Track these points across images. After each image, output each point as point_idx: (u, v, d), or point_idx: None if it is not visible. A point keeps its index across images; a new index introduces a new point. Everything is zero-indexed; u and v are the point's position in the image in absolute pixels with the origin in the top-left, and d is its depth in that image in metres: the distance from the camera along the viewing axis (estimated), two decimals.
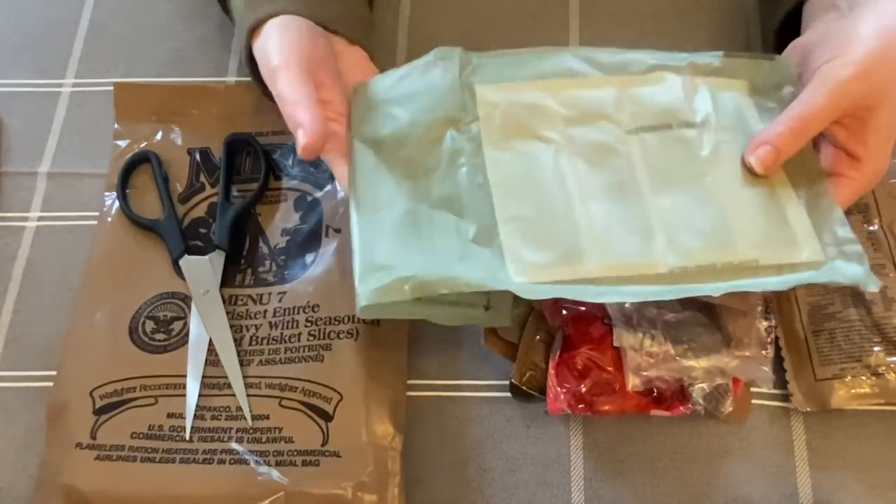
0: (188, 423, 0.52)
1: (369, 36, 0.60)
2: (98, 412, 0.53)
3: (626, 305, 0.51)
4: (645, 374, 0.49)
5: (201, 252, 0.58)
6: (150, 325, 0.56)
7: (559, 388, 0.50)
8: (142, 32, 0.68)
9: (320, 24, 0.55)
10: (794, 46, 0.52)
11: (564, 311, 0.52)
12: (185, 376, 0.54)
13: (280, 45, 0.52)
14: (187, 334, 0.55)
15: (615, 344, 0.51)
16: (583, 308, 0.52)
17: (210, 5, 0.67)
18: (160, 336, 0.55)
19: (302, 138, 0.49)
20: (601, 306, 0.51)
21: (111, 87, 0.64)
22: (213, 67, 0.66)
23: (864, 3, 0.49)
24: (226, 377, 0.54)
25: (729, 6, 0.66)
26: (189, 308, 0.56)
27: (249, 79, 0.66)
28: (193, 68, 0.66)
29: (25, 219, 0.61)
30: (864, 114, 0.47)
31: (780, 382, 0.54)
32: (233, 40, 0.67)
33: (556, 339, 0.51)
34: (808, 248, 0.47)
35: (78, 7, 0.70)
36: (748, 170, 0.48)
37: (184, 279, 0.57)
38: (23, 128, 0.65)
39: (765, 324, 0.51)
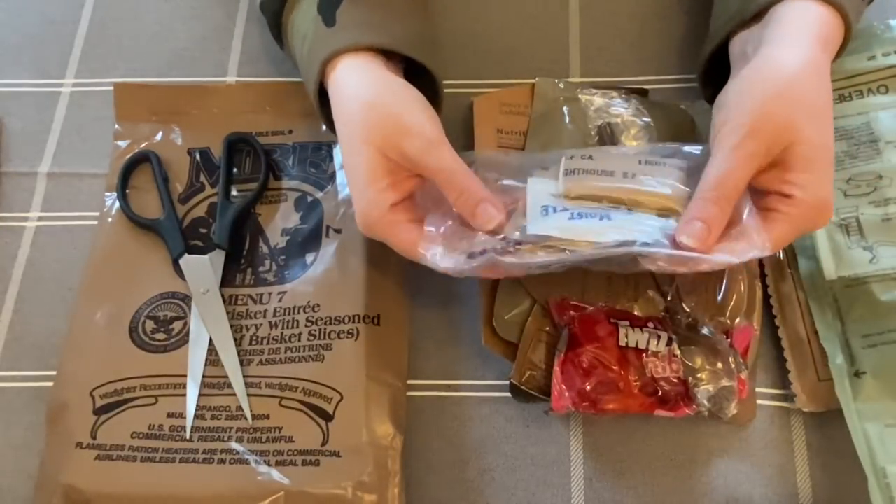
0: (188, 423, 0.52)
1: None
2: (98, 412, 0.53)
3: None
4: None
5: (201, 252, 0.58)
6: (150, 324, 0.56)
7: (564, 386, 0.50)
8: (142, 32, 0.68)
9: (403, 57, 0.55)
10: (715, 105, 0.52)
11: (572, 311, 0.52)
12: (185, 376, 0.54)
13: (410, 106, 0.51)
14: (187, 334, 0.55)
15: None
16: (590, 307, 0.53)
17: (210, 5, 0.67)
18: (160, 336, 0.55)
19: (497, 216, 0.49)
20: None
21: (111, 87, 0.64)
22: (213, 67, 0.66)
23: (764, 43, 0.50)
24: (226, 377, 0.54)
25: None
26: (189, 308, 0.56)
27: (252, 79, 0.66)
28: (193, 68, 0.66)
29: (25, 219, 0.61)
30: (782, 155, 0.47)
31: (782, 383, 0.54)
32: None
33: (563, 337, 0.51)
34: None
35: (78, 7, 0.70)
36: (683, 247, 0.47)
37: (184, 279, 0.57)
38: (23, 128, 0.65)
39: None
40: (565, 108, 0.61)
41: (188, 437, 0.52)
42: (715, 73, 0.56)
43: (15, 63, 0.67)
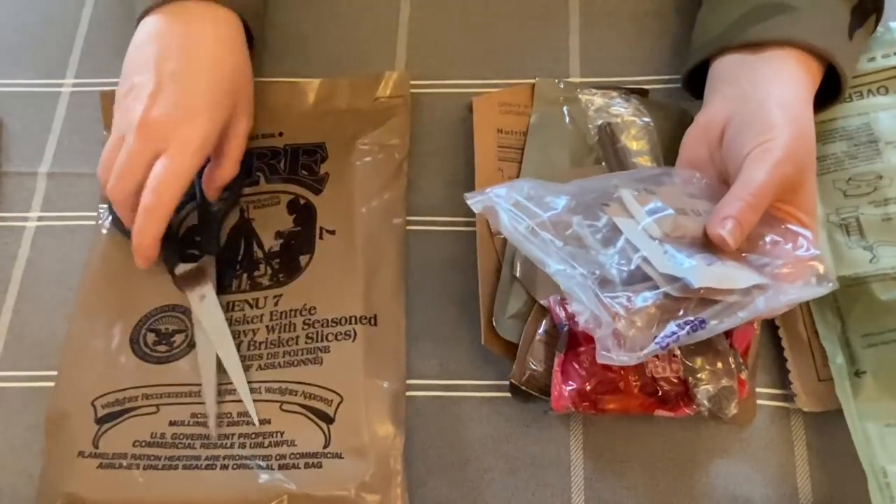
0: (212, 424, 0.52)
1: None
2: (100, 421, 0.53)
3: None
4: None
5: (196, 260, 0.58)
6: (151, 337, 0.56)
7: (564, 386, 0.50)
8: None
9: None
10: (698, 128, 0.54)
11: (569, 308, 0.52)
12: (187, 385, 0.54)
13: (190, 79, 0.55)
14: (189, 346, 0.55)
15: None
16: None
17: None
18: (162, 348, 0.55)
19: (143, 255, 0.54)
20: None
21: (111, 88, 0.64)
22: None
23: (760, 84, 0.52)
24: (227, 383, 0.54)
25: None
26: (190, 320, 0.56)
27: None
28: None
29: (25, 219, 0.61)
30: (793, 196, 0.50)
31: (782, 383, 0.54)
32: None
33: (562, 337, 0.51)
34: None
35: (78, 7, 0.70)
36: (715, 242, 0.48)
37: (183, 289, 0.57)
38: (23, 128, 0.65)
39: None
40: (565, 108, 0.61)
41: (215, 442, 0.52)
42: (696, 81, 0.58)
43: (15, 63, 0.67)
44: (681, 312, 0.46)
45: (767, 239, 0.49)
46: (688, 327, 0.46)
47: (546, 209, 0.50)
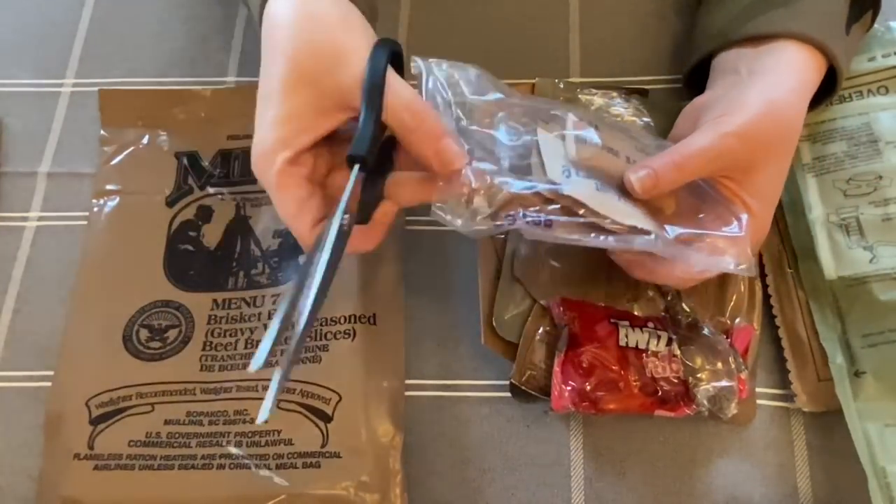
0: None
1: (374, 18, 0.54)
2: (94, 422, 0.53)
3: None
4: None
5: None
6: (144, 333, 0.56)
7: (564, 386, 0.50)
8: (142, 32, 0.68)
9: None
10: (692, 106, 0.55)
11: (571, 309, 0.52)
12: (181, 382, 0.54)
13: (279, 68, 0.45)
14: (182, 342, 0.55)
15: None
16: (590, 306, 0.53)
17: (210, 5, 0.67)
18: (155, 344, 0.55)
19: (461, 154, 0.45)
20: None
21: (111, 88, 0.64)
22: (213, 67, 0.66)
23: (757, 72, 0.52)
24: (221, 381, 0.54)
25: None
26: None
27: (252, 79, 0.66)
28: (193, 68, 0.66)
29: (25, 219, 0.61)
30: (742, 176, 0.49)
31: (782, 383, 0.54)
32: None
33: (562, 337, 0.51)
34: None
35: (78, 7, 0.70)
36: (626, 186, 0.47)
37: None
38: (23, 128, 0.65)
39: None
40: None
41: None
42: (696, 79, 0.58)
43: (15, 63, 0.67)
44: (536, 209, 0.45)
45: (702, 214, 0.49)
46: (529, 219, 0.44)
47: (476, 94, 0.48)
